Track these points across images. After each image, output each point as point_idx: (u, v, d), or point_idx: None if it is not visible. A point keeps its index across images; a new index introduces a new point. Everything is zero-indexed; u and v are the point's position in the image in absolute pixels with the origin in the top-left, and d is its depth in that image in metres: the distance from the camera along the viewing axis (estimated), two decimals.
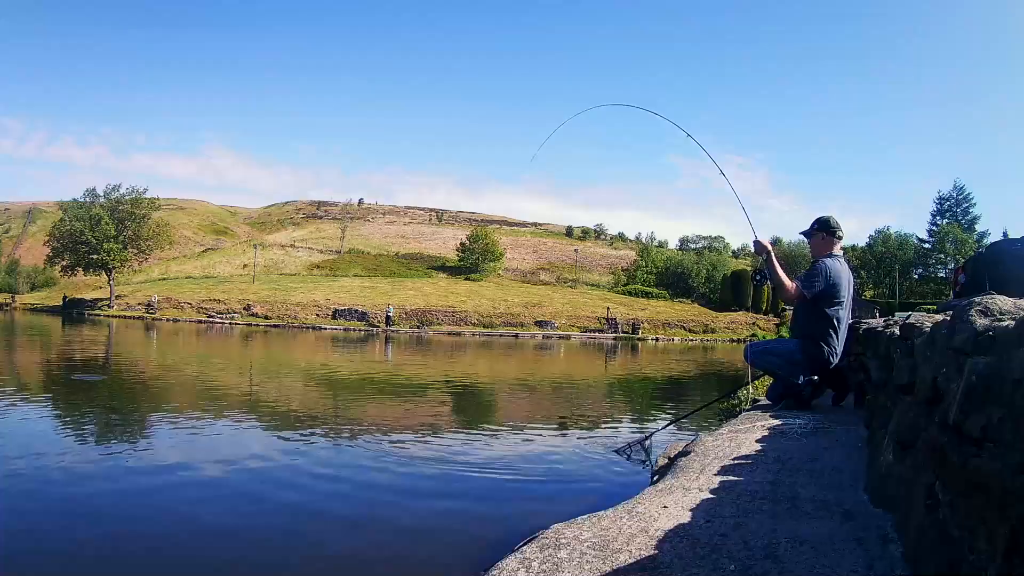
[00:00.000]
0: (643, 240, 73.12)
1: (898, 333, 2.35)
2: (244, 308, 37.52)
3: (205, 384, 9.96)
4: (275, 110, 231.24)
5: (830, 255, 4.14)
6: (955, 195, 53.58)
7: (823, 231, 4.20)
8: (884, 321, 3.85)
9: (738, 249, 67.78)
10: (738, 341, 33.96)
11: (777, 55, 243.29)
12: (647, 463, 4.40)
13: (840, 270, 4.09)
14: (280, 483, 4.12)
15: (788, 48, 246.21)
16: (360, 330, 33.59)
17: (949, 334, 1.46)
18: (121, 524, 3.22)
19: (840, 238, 4.24)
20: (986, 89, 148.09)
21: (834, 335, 4.08)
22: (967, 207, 53.04)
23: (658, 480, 2.97)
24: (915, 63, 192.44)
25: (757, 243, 4.18)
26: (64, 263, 43.76)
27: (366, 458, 4.82)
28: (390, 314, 35.86)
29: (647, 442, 4.73)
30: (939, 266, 52.01)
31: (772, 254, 4.08)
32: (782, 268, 4.13)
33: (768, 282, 4.24)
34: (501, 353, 21.59)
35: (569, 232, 76.23)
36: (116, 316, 36.66)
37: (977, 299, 1.43)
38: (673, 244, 72.36)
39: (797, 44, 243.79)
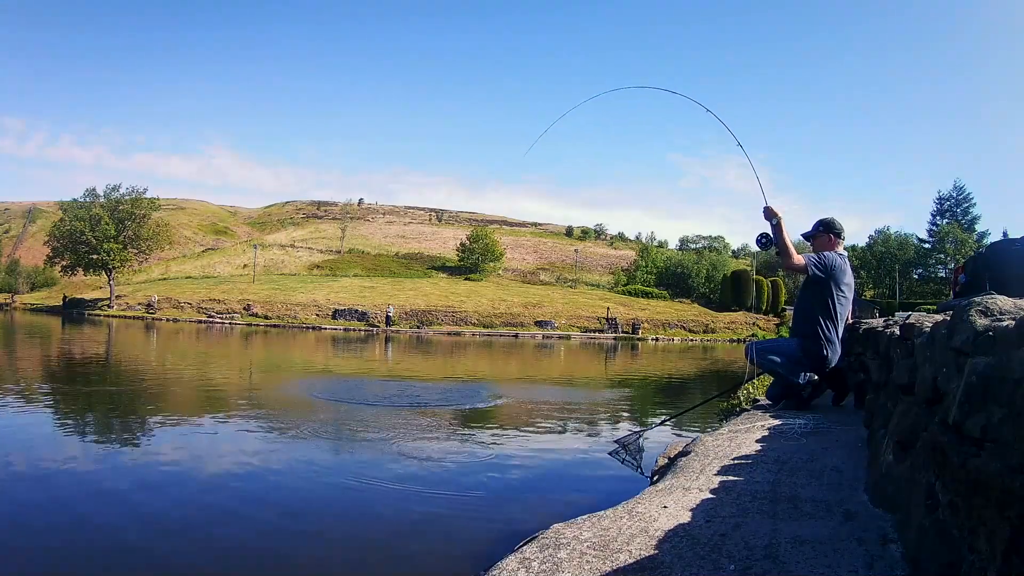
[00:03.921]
0: (643, 240, 73.08)
1: (898, 333, 2.35)
2: (244, 308, 37.50)
3: (205, 385, 9.96)
4: (276, 110, 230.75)
5: (834, 252, 4.17)
6: (955, 195, 53.59)
7: (828, 232, 4.22)
8: (884, 321, 3.85)
9: (738, 249, 67.75)
10: (738, 341, 33.96)
11: (777, 56, 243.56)
12: (633, 463, 4.38)
13: (844, 267, 4.12)
14: (280, 483, 4.12)
15: (788, 49, 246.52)
16: (360, 330, 33.57)
17: (949, 334, 1.46)
18: (119, 523, 3.23)
19: (843, 238, 4.26)
20: (986, 89, 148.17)
21: (835, 333, 4.08)
22: (967, 207, 53.07)
23: (658, 480, 2.97)
24: (915, 63, 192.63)
25: (767, 209, 4.09)
26: (64, 263, 43.73)
27: (365, 457, 4.83)
28: (390, 314, 35.85)
29: (640, 440, 4.71)
30: (939, 266, 52.00)
31: (782, 221, 4.05)
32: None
33: (772, 247, 4.19)
34: (501, 353, 21.59)
35: (569, 232, 76.21)
36: (116, 316, 36.65)
37: (977, 299, 1.43)
38: (673, 244, 72.33)
39: (798, 45, 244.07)
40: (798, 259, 4.02)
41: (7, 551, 2.80)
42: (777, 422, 3.75)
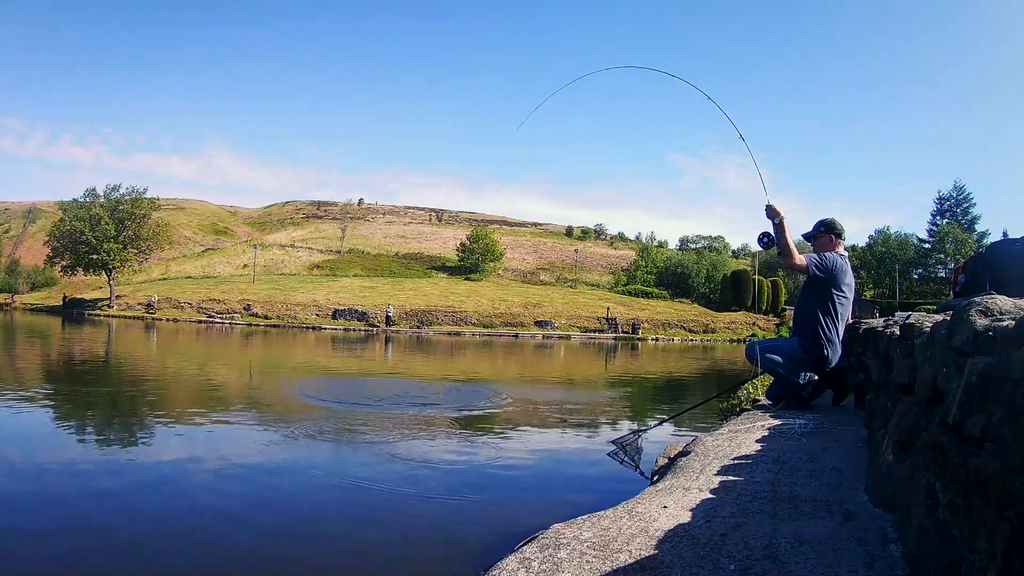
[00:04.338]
0: (643, 240, 73.03)
1: (898, 333, 2.35)
2: (244, 308, 37.48)
3: (204, 386, 9.97)
4: (276, 110, 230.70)
5: (835, 253, 4.18)
6: (955, 195, 53.58)
7: (829, 232, 4.23)
8: (884, 321, 3.86)
9: (738, 249, 67.72)
10: (738, 341, 33.96)
11: (777, 56, 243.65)
12: (631, 463, 4.38)
13: (845, 267, 4.13)
14: (280, 483, 4.12)
15: (788, 49, 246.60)
16: (360, 330, 33.57)
17: (949, 334, 1.46)
18: (117, 523, 3.23)
19: (844, 239, 4.27)
20: (986, 89, 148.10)
21: (835, 333, 4.09)
22: (967, 207, 53.05)
23: (658, 480, 2.97)
24: (915, 63, 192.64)
25: (769, 207, 4.04)
26: (64, 263, 43.71)
27: (365, 458, 4.83)
28: (390, 314, 35.84)
29: (639, 440, 4.71)
30: (939, 266, 51.97)
31: (784, 220, 4.01)
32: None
33: (774, 246, 4.14)
34: (501, 353, 21.59)
35: (569, 232, 76.20)
36: (116, 316, 36.64)
37: (977, 299, 1.43)
38: (673, 244, 72.25)
39: (797, 45, 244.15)
40: (799, 259, 4.02)
41: (4, 552, 2.80)
42: (777, 422, 3.75)
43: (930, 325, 1.86)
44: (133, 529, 3.15)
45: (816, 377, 4.33)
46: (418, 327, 35.58)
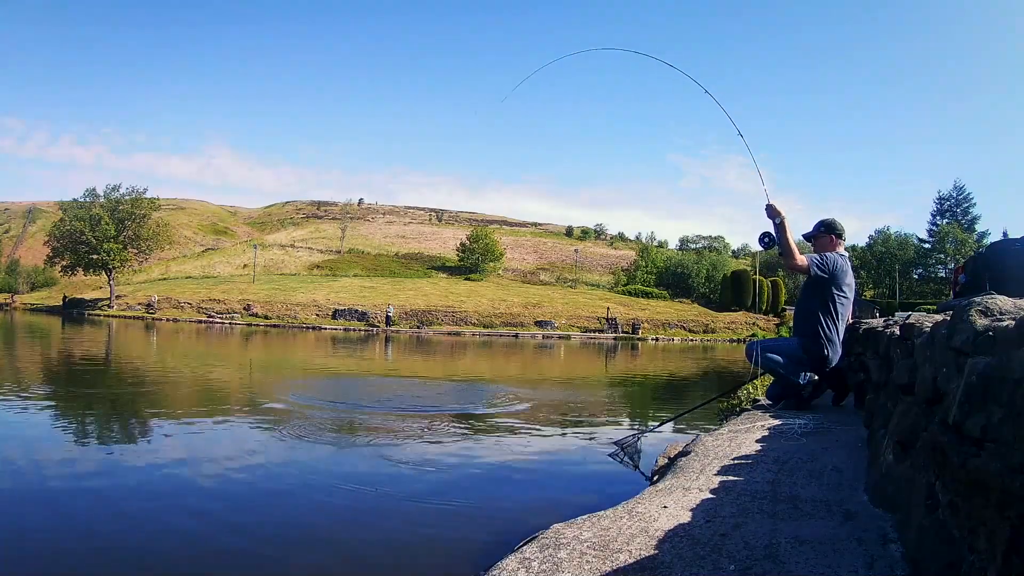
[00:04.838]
0: (643, 240, 73.00)
1: (898, 333, 2.35)
2: (244, 308, 37.47)
3: (204, 385, 9.96)
4: (276, 110, 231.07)
5: (836, 253, 4.19)
6: (955, 195, 53.60)
7: (830, 233, 4.24)
8: (884, 321, 3.86)
9: (738, 249, 67.71)
10: (738, 341, 33.95)
11: (776, 55, 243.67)
12: (631, 464, 4.38)
13: (846, 268, 4.14)
14: (279, 483, 4.12)
15: (787, 48, 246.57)
16: (360, 330, 33.56)
17: (949, 334, 1.46)
18: (115, 524, 3.23)
19: (844, 239, 4.28)
20: (986, 89, 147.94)
21: (836, 333, 4.09)
22: (967, 207, 53.07)
23: (658, 480, 2.97)
24: (915, 63, 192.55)
25: (770, 207, 4.02)
26: (64, 263, 43.72)
27: (364, 459, 4.83)
28: (390, 314, 35.84)
29: (639, 441, 4.71)
30: (939, 266, 51.99)
31: (785, 220, 3.99)
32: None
33: (775, 246, 4.12)
34: (501, 353, 21.58)
35: (569, 232, 76.21)
36: (116, 316, 36.64)
37: (977, 299, 1.43)
38: (673, 244, 72.21)
39: (796, 44, 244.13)
40: (801, 259, 4.02)
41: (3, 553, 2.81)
42: (777, 422, 3.75)
43: (930, 325, 1.86)
44: (126, 530, 3.15)
45: (816, 377, 4.33)
46: (418, 327, 35.57)
